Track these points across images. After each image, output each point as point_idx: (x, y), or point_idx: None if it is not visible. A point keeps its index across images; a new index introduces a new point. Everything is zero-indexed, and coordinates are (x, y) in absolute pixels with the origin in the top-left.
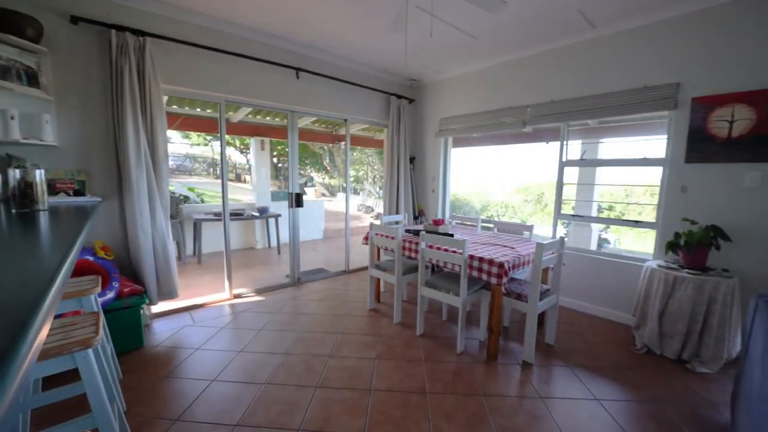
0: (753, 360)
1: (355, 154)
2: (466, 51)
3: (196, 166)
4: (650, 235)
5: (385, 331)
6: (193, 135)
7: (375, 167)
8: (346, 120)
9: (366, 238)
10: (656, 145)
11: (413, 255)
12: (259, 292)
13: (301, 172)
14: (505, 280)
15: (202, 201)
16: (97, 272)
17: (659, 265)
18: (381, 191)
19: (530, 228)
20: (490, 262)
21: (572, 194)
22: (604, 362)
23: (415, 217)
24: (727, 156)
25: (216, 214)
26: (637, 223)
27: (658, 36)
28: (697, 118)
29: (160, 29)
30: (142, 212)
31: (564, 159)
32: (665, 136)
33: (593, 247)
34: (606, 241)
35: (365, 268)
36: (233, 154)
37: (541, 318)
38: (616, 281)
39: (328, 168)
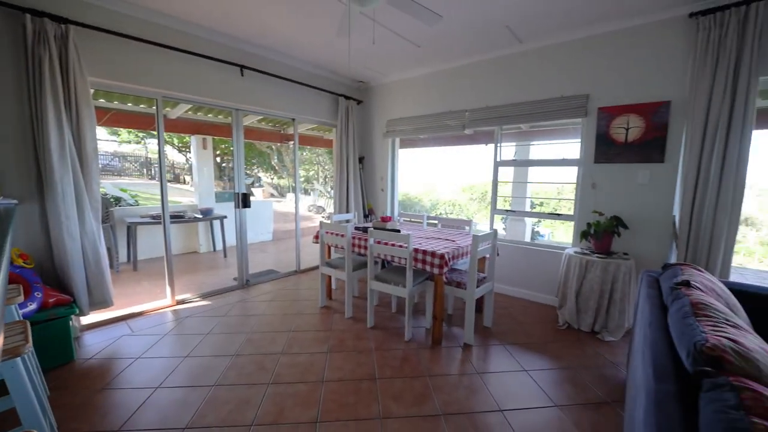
0: (638, 323)
1: (305, 153)
2: (410, 57)
3: (127, 165)
4: (571, 226)
5: (337, 326)
6: (123, 132)
7: (326, 167)
8: (293, 119)
9: (316, 237)
10: (573, 147)
11: (363, 251)
12: (205, 296)
13: (248, 171)
14: (445, 270)
15: (137, 203)
16: (15, 282)
17: (575, 252)
18: (332, 191)
19: (469, 223)
20: (432, 254)
21: (509, 192)
22: (533, 339)
23: (365, 216)
24: (625, 157)
25: (154, 217)
26: (558, 216)
27: (572, 53)
28: (602, 125)
29: (86, 17)
30: (69, 215)
31: (498, 159)
32: (579, 140)
33: (527, 239)
34: (539, 233)
35: (316, 268)
36: (171, 153)
37: (480, 304)
38: (543, 268)
39: (277, 168)
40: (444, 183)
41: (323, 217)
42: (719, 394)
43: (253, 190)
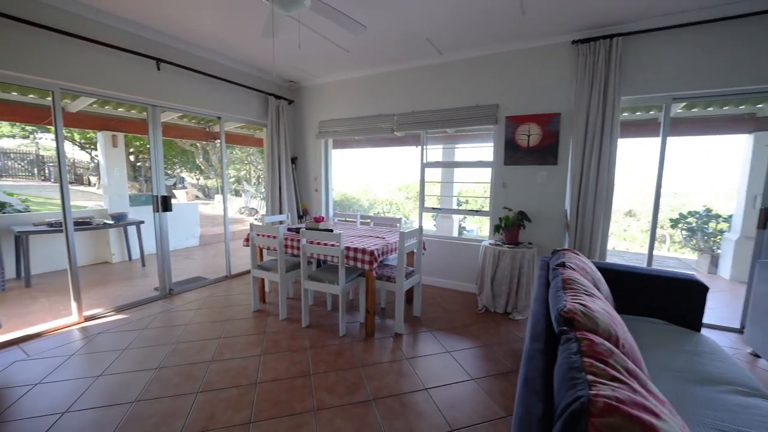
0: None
1: (234, 152)
2: (340, 61)
3: (10, 164)
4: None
5: (271, 329)
6: (4, 125)
7: (259, 167)
8: (219, 118)
9: (247, 240)
10: (488, 151)
11: (296, 252)
12: (120, 309)
13: (168, 172)
14: (375, 265)
15: (28, 209)
16: None
17: (490, 244)
18: (265, 192)
19: (399, 221)
20: (363, 251)
21: (439, 191)
22: (456, 324)
23: (300, 217)
24: (528, 160)
25: (51, 225)
26: (477, 213)
27: (485, 66)
28: (509, 131)
29: None
30: None
31: (425, 161)
32: (492, 144)
33: (455, 234)
34: (465, 229)
35: (249, 272)
36: (71, 151)
37: (411, 296)
38: (466, 260)
39: (203, 167)
40: (380, 182)
41: (256, 219)
42: (568, 345)
43: (175, 192)
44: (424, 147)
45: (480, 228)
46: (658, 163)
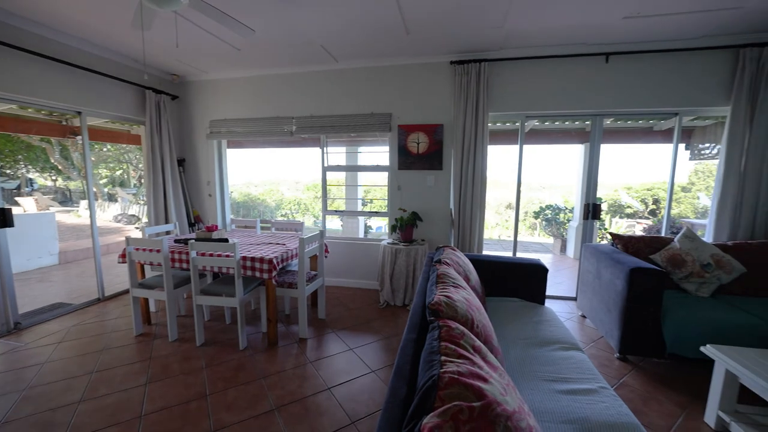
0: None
1: (106, 149)
2: (231, 58)
3: None
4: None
5: (159, 352)
6: None
7: (140, 166)
8: (80, 113)
9: (123, 256)
10: (386, 155)
11: (186, 265)
12: None
13: (7, 171)
14: (274, 273)
15: None
16: None
17: (388, 243)
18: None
19: (301, 225)
20: (261, 260)
21: (343, 192)
22: (359, 321)
23: (191, 225)
24: (419, 165)
25: None
26: (377, 213)
27: (379, 76)
28: (401, 139)
29: None
30: None
31: (326, 165)
32: (387, 149)
33: (361, 233)
34: (370, 227)
35: (128, 291)
36: None
37: (315, 299)
38: (370, 258)
39: (60, 167)
40: (287, 182)
41: (137, 227)
42: (432, 333)
43: (20, 199)
44: (325, 151)
45: (386, 226)
46: (517, 166)
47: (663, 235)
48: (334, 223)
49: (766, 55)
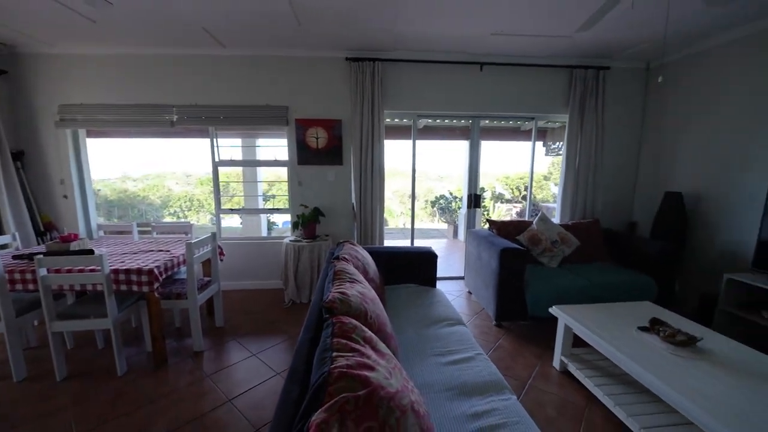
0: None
1: None
2: (85, 31)
3: None
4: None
5: (1, 398)
6: None
7: None
8: None
9: None
10: (285, 150)
11: (33, 286)
12: None
13: None
14: (157, 285)
15: None
16: None
17: (291, 240)
18: None
19: (190, 227)
20: (138, 271)
21: (241, 188)
22: (263, 324)
23: (40, 235)
24: (319, 160)
25: None
26: (278, 210)
27: (275, 67)
28: (299, 133)
29: None
30: None
31: (217, 159)
32: (286, 143)
33: (264, 232)
34: (274, 224)
35: None
36: None
37: (211, 307)
38: (272, 257)
39: None
40: (176, 175)
41: None
42: (326, 331)
43: None
44: (216, 144)
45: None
46: (412, 160)
47: (527, 218)
48: (233, 221)
49: (590, 76)
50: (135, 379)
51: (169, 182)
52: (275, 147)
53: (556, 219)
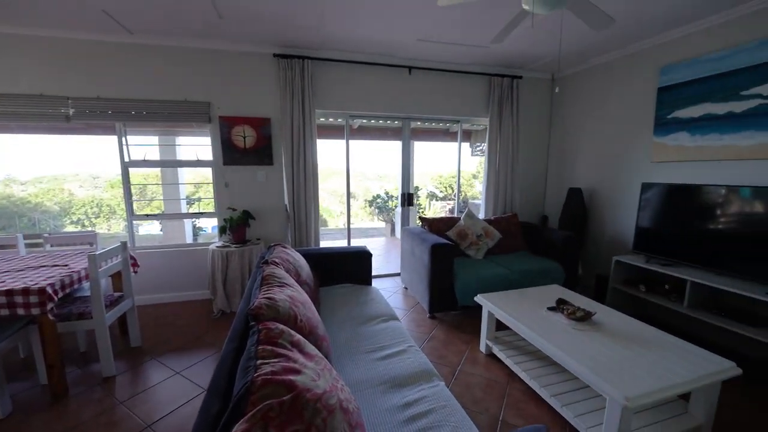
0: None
1: None
2: None
3: None
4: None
5: None
6: None
7: None
8: None
9: None
10: (208, 149)
11: None
12: None
13: None
14: (50, 306)
15: None
16: None
17: (218, 246)
18: None
19: (94, 237)
20: (25, 291)
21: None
22: (188, 338)
23: None
24: (247, 160)
25: None
26: (202, 214)
27: (195, 59)
28: (224, 131)
29: None
30: None
31: (127, 159)
32: (210, 142)
33: (189, 239)
34: (202, 229)
35: None
36: None
37: (125, 325)
38: (198, 265)
39: None
40: (80, 177)
41: None
42: (252, 338)
43: None
44: (125, 142)
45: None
46: (345, 160)
47: (455, 214)
48: (153, 228)
49: (506, 84)
50: (25, 418)
51: (71, 185)
52: (199, 146)
53: (481, 214)
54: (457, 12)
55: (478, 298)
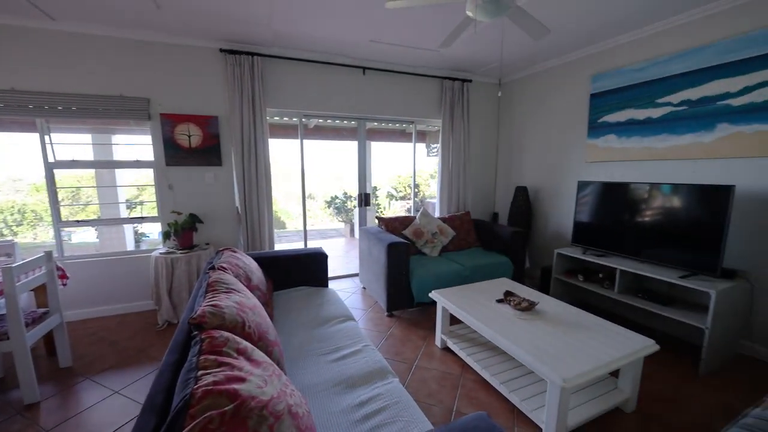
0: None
1: None
2: None
3: None
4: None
5: None
6: None
7: None
8: None
9: None
10: (149, 149)
11: None
12: None
13: None
14: None
15: None
16: None
17: (161, 253)
18: None
19: (12, 247)
20: None
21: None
22: (129, 353)
23: None
24: (193, 161)
25: None
26: (144, 219)
27: (131, 52)
28: (167, 130)
29: None
30: None
31: (52, 160)
32: (151, 142)
33: (130, 245)
34: (145, 235)
35: None
36: None
37: (52, 344)
38: (139, 274)
39: None
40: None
41: None
42: (193, 349)
43: None
44: (48, 141)
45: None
46: (300, 160)
47: (413, 214)
48: (89, 235)
49: (457, 87)
50: None
51: None
52: (139, 146)
53: (436, 213)
54: (407, 15)
55: (433, 295)
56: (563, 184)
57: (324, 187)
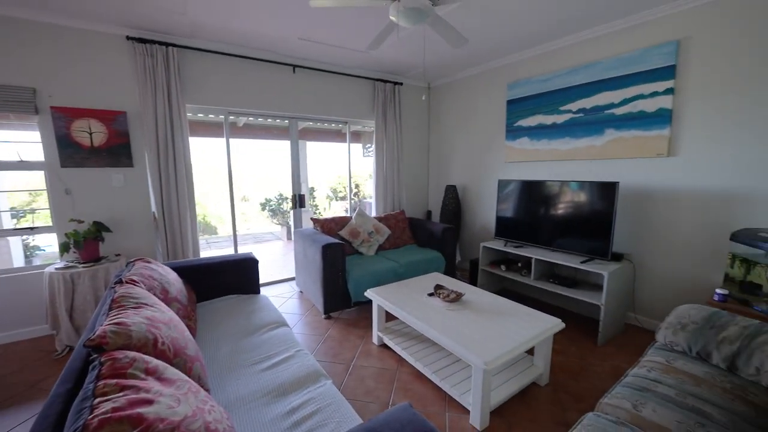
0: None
1: None
2: None
3: None
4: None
5: None
6: None
7: None
8: None
9: None
10: (38, 148)
11: None
12: None
13: None
14: None
15: None
16: None
17: (57, 268)
18: None
19: None
20: None
21: None
22: (17, 389)
23: None
24: (95, 161)
25: None
26: (34, 230)
27: (16, 33)
28: (61, 126)
29: None
30: None
31: None
32: (40, 139)
33: (19, 262)
34: (39, 248)
35: None
36: None
37: None
38: (30, 295)
39: None
40: None
41: None
42: (90, 375)
43: None
44: None
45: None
46: (227, 157)
47: (350, 214)
48: None
49: (389, 89)
50: None
51: None
52: (24, 143)
53: (373, 212)
54: (335, 15)
55: (368, 293)
56: (487, 183)
57: (260, 188)
